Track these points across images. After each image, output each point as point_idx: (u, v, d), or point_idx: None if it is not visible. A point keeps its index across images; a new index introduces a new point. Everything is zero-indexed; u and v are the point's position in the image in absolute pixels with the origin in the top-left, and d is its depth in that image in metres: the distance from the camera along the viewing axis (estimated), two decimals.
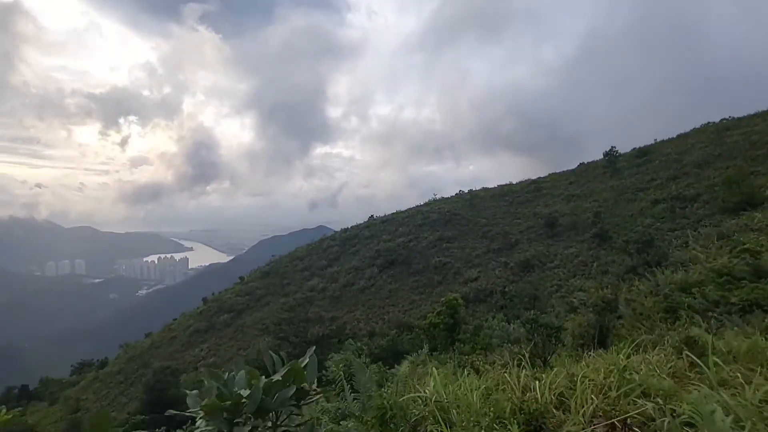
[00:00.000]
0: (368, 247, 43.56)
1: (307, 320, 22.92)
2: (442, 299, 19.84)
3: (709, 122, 40.24)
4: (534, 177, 47.56)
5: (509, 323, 20.34)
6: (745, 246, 13.98)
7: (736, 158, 28.03)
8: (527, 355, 7.75)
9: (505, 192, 45.16)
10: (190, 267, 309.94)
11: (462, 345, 15.84)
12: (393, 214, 51.64)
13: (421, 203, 52.69)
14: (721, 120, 39.88)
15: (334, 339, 22.31)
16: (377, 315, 31.48)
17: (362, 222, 53.28)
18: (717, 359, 6.04)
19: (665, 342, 7.43)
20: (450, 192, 53.80)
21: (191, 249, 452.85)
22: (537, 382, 4.12)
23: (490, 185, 50.87)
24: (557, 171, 47.91)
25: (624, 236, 25.31)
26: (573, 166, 46.55)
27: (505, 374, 4.60)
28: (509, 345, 14.47)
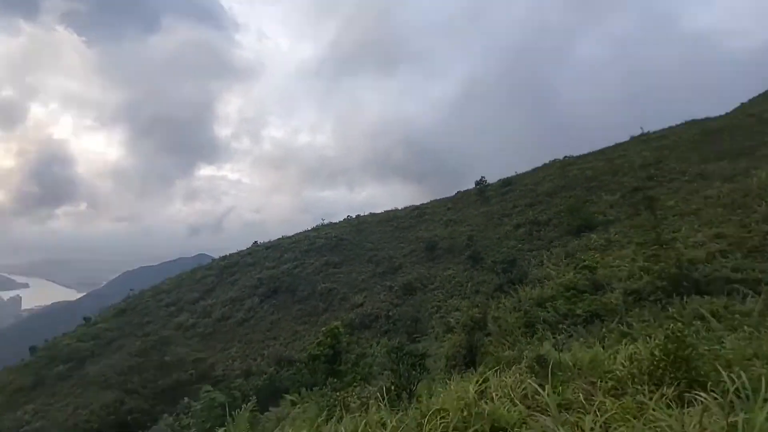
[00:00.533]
0: (249, 276, 40.12)
1: (163, 366, 19.33)
2: (323, 329, 18.55)
3: (555, 159, 47.58)
4: (418, 203, 50.07)
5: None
6: (585, 263, 15.95)
7: (575, 189, 33.16)
8: (392, 387, 7.07)
9: (390, 217, 46.42)
10: (23, 308, 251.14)
11: (341, 377, 14.61)
12: (278, 239, 48.93)
13: (308, 228, 51.11)
14: (564, 157, 47.58)
15: (198, 384, 19.16)
16: (255, 351, 28.56)
17: (244, 249, 49.30)
18: (563, 374, 5.95)
19: (523, 358, 7.57)
20: (342, 217, 53.36)
21: (26, 285, 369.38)
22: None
23: (379, 210, 52.00)
24: (439, 198, 51.36)
25: (492, 257, 27.52)
26: (453, 193, 50.42)
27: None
28: (389, 373, 13.98)
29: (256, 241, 51.04)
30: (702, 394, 3.88)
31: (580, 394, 5.11)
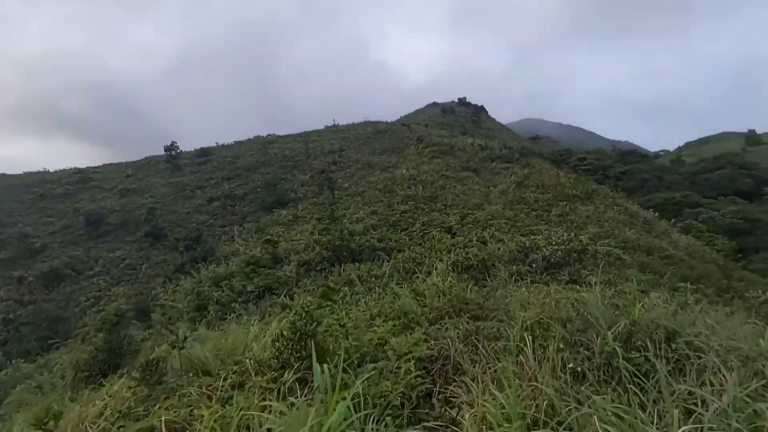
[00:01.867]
0: None
1: None
2: None
3: (258, 135, 47.54)
4: (84, 165, 38.46)
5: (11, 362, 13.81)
6: (268, 237, 15.69)
7: (273, 166, 33.73)
8: None
9: (34, 182, 33.46)
10: None
11: None
12: None
13: None
14: (267, 135, 48.30)
15: None
16: None
17: None
18: (179, 380, 4.54)
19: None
20: None
21: None
22: None
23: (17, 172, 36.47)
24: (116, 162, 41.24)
25: (177, 233, 24.03)
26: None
27: None
28: None
29: None
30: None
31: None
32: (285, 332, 4.14)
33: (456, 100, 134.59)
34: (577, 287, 7.46)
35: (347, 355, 3.85)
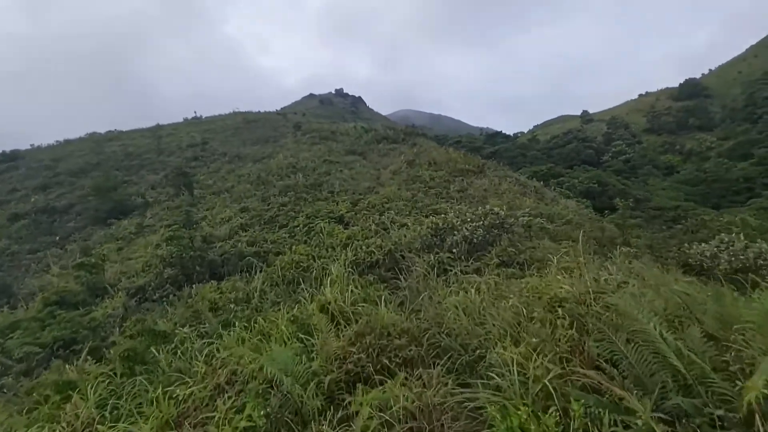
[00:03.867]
0: None
1: None
2: None
3: (94, 132, 38.24)
4: None
5: None
6: (84, 260, 10.94)
7: (112, 167, 26.76)
8: None
9: None
10: None
11: None
12: None
13: None
14: (107, 132, 39.17)
15: None
16: None
17: None
18: None
19: None
20: None
21: None
22: None
23: None
24: None
25: None
26: None
27: None
28: None
29: None
30: None
31: None
32: None
33: (333, 92, 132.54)
34: (533, 273, 5.47)
35: None
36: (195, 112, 45.99)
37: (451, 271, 6.39)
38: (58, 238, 19.33)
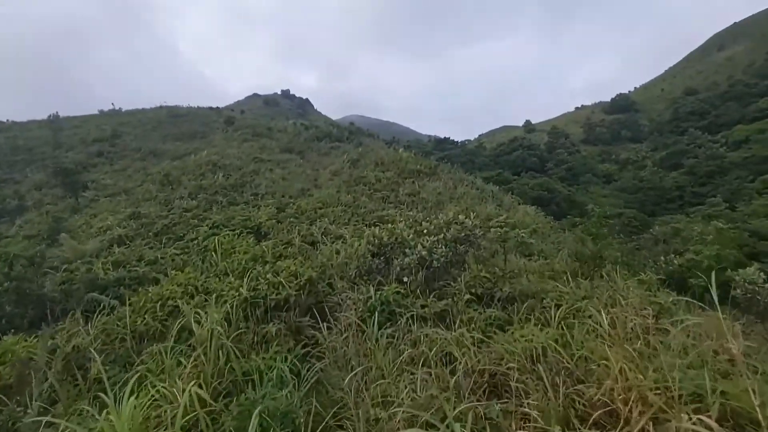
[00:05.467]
0: None
1: None
2: None
3: None
4: None
5: None
6: None
7: None
8: None
9: None
10: None
11: None
12: None
13: None
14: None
15: None
16: None
17: None
18: None
19: None
20: None
21: None
22: None
23: None
24: None
25: None
26: None
27: None
28: None
29: None
30: None
31: None
32: None
33: (279, 92, 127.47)
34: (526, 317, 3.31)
35: None
36: (113, 104, 40.32)
37: (400, 316, 4.05)
38: None
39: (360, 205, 10.42)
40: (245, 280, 4.82)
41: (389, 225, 7.44)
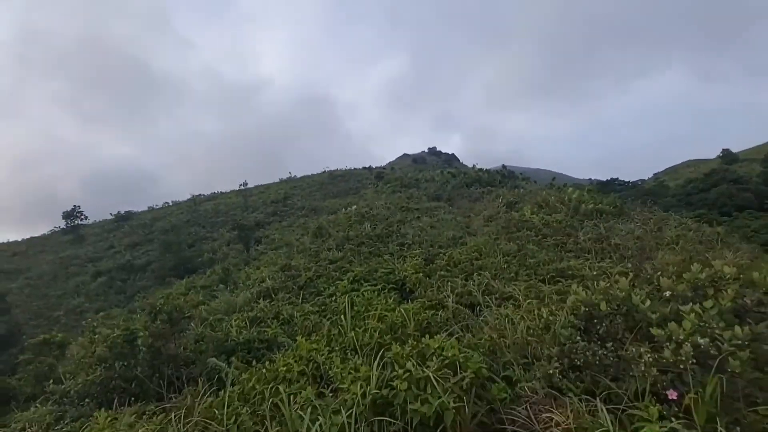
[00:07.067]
0: None
1: None
2: None
3: (200, 194, 40.85)
4: None
5: None
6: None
7: (198, 224, 26.80)
8: None
9: None
10: None
11: None
12: None
13: None
14: (212, 194, 41.70)
15: None
16: None
17: None
18: None
19: None
20: None
21: None
22: None
23: None
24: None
25: (34, 329, 16.25)
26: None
27: None
28: None
29: None
30: None
31: None
32: None
33: (426, 150, 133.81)
34: None
35: None
36: (290, 172, 47.37)
37: None
38: (125, 296, 18.45)
39: (528, 255, 8.09)
40: (374, 364, 3.19)
41: (578, 278, 5.02)
